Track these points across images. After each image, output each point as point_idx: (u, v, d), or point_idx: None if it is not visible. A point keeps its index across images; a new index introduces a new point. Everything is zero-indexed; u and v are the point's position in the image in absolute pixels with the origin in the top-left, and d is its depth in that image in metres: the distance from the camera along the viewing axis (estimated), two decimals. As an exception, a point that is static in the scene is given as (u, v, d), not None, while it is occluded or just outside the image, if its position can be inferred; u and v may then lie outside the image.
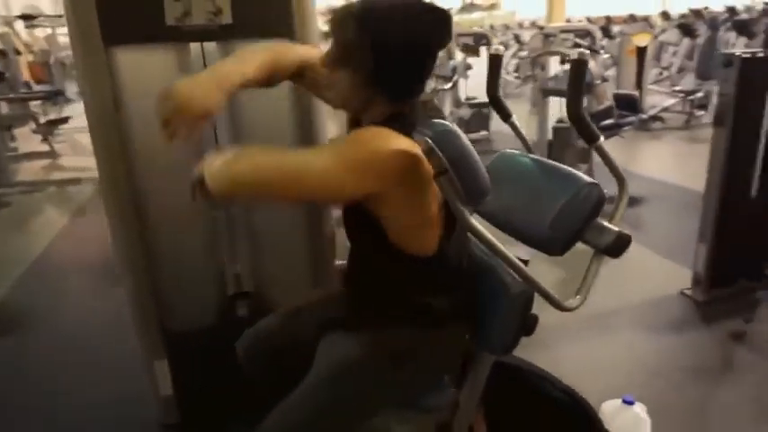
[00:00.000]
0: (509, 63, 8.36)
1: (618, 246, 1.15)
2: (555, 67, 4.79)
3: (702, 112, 6.51)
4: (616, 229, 1.16)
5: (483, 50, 7.41)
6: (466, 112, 6.14)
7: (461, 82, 6.16)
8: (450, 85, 5.86)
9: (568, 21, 6.95)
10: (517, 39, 9.36)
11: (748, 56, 2.28)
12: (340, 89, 1.07)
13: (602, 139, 1.19)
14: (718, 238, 2.45)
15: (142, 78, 1.56)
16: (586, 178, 1.18)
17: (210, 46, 1.66)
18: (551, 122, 4.38)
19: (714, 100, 6.71)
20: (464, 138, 0.94)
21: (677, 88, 7.14)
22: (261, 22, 1.62)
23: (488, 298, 1.22)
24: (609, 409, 1.59)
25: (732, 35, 7.09)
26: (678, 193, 4.03)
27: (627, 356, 2.13)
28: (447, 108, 5.97)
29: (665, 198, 3.95)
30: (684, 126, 6.36)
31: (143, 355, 1.79)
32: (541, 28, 5.79)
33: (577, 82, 1.14)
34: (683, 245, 2.55)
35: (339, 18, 1.02)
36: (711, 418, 1.83)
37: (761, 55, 2.29)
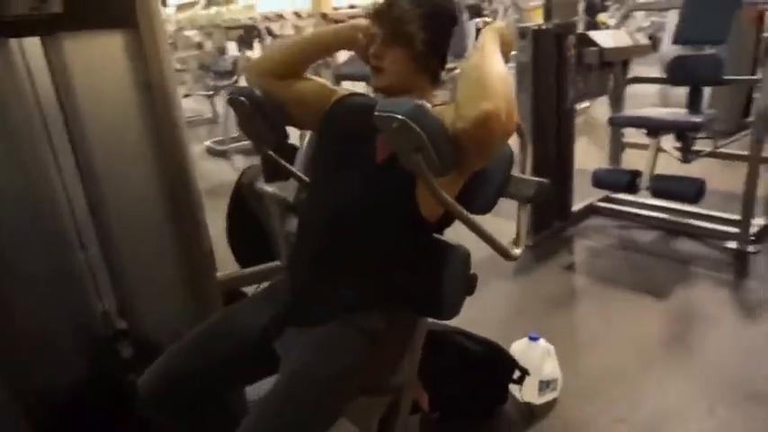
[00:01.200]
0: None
1: (540, 192, 1.30)
2: (343, 52, 4.98)
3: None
4: (535, 178, 1.31)
5: (256, 44, 7.33)
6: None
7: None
8: (231, 81, 5.68)
9: (336, 9, 7.22)
10: (269, 31, 9.35)
11: (536, 28, 2.70)
12: (391, 68, 1.18)
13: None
14: (535, 189, 2.87)
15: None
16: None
17: (33, 42, 1.40)
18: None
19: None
20: (433, 112, 0.98)
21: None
22: (98, 12, 1.40)
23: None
24: (519, 348, 1.78)
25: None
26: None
27: (496, 303, 2.39)
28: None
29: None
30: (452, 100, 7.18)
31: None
32: (324, 15, 5.93)
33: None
34: (500, 202, 2.93)
35: (392, 11, 1.17)
36: (579, 333, 2.18)
37: (545, 27, 2.74)
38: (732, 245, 2.65)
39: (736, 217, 2.66)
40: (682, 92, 2.92)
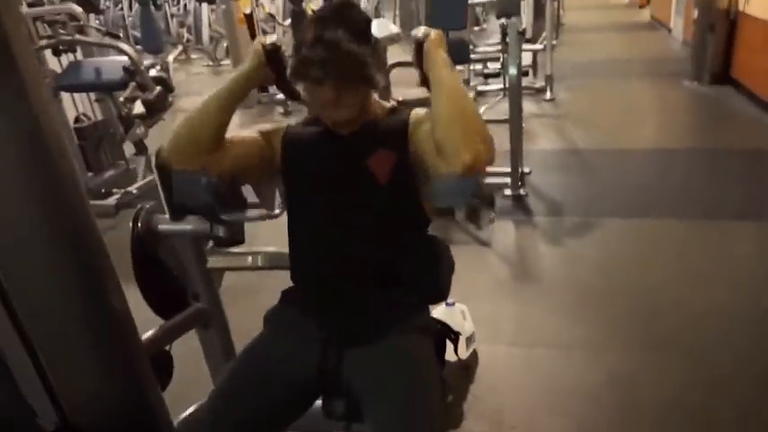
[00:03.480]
0: None
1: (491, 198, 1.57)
2: (53, 59, 4.26)
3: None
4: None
5: None
6: None
7: None
8: None
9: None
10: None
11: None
12: (349, 103, 1.19)
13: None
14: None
15: None
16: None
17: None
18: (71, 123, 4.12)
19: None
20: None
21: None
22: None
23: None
24: (440, 314, 2.03)
25: None
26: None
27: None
28: None
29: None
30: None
31: None
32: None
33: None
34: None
35: (337, 53, 1.12)
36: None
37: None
38: (509, 192, 3.38)
39: (507, 170, 3.37)
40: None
